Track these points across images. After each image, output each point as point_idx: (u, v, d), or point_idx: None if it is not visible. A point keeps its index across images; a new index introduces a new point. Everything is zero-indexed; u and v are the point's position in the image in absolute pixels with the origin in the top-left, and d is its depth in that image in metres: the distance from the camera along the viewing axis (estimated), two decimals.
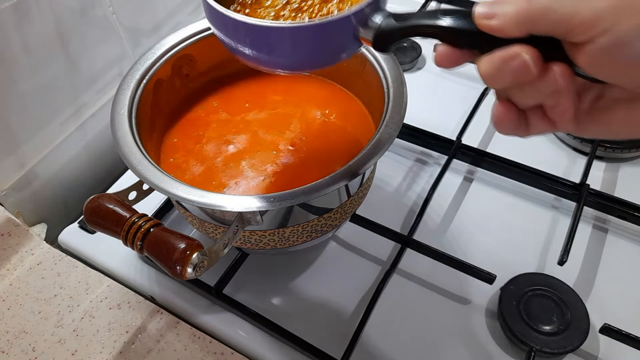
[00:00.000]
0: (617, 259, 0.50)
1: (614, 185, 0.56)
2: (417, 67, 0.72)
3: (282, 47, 0.31)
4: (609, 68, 0.23)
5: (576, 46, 0.23)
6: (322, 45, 0.32)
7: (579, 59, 0.23)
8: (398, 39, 0.31)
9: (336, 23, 0.31)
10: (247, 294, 0.49)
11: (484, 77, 0.25)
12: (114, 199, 0.38)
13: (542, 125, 0.27)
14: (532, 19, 0.23)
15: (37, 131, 0.54)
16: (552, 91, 0.25)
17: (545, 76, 0.24)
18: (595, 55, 0.22)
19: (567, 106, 0.25)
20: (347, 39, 0.32)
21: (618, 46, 0.22)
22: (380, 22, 0.31)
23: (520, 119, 0.27)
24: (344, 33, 0.31)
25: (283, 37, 0.31)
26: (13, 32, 0.48)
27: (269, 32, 0.30)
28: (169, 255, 0.34)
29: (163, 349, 0.45)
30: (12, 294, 0.49)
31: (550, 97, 0.25)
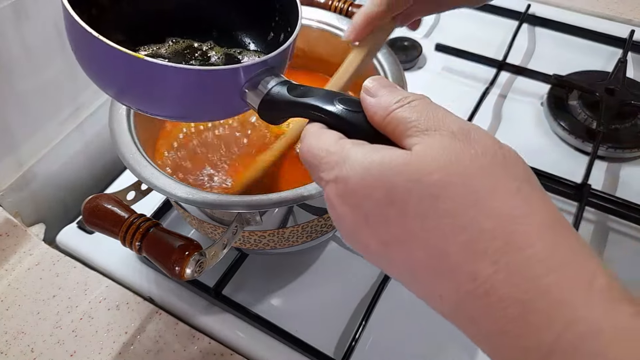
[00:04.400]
0: (619, 260, 0.50)
1: (615, 186, 0.56)
2: (418, 66, 0.71)
3: (160, 88, 0.28)
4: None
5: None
6: (201, 95, 0.28)
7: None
8: (287, 113, 0.28)
9: (219, 74, 0.27)
10: (247, 294, 0.48)
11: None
12: (112, 199, 0.38)
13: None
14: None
15: (35, 131, 0.54)
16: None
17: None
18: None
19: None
20: (230, 96, 0.28)
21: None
22: (271, 87, 0.28)
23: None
24: (226, 88, 0.28)
25: (162, 77, 0.27)
26: (11, 31, 0.47)
27: (150, 69, 0.26)
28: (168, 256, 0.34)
29: (162, 349, 0.45)
30: (10, 295, 0.49)
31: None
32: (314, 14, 0.51)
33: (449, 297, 0.20)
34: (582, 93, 0.63)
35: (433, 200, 0.20)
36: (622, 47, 0.66)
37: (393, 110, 0.22)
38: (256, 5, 0.35)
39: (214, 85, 0.28)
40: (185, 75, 0.27)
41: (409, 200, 0.20)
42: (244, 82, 0.28)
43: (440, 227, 0.20)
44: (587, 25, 0.71)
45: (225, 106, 0.30)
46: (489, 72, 0.68)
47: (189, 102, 0.29)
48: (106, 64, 0.28)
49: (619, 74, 0.62)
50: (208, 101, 0.29)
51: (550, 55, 0.71)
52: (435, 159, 0.20)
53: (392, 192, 0.20)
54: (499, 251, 0.18)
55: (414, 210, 0.20)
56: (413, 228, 0.20)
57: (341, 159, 0.22)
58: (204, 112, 0.30)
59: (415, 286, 0.22)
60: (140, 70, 0.26)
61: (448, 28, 0.77)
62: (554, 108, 0.62)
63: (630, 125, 0.59)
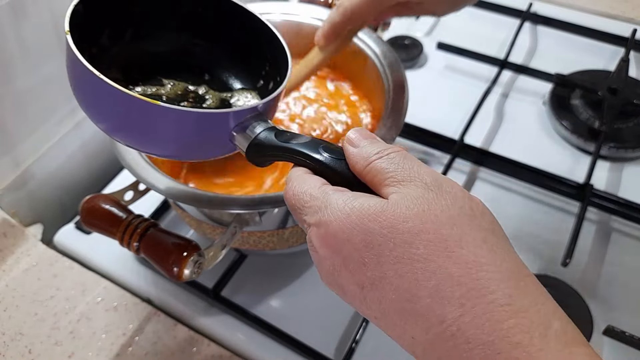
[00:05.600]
0: (622, 260, 0.50)
1: (618, 186, 0.56)
2: (419, 64, 0.71)
3: (155, 127, 0.29)
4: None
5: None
6: (193, 135, 0.29)
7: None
8: (274, 157, 0.29)
9: (211, 117, 0.29)
10: (246, 296, 0.48)
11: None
12: (110, 199, 0.38)
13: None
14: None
15: (33, 131, 0.53)
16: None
17: None
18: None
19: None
20: (219, 138, 0.30)
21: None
22: (259, 132, 0.29)
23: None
24: (217, 130, 0.29)
25: (160, 118, 0.28)
26: (9, 30, 0.47)
27: (148, 110, 0.28)
28: (166, 257, 0.34)
29: (160, 351, 0.44)
30: (8, 295, 0.48)
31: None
32: (314, 12, 0.51)
33: (420, 338, 0.21)
34: (584, 92, 0.63)
35: (407, 246, 0.21)
36: (625, 46, 0.66)
37: (373, 161, 0.24)
38: (248, 54, 0.37)
39: (206, 126, 0.29)
40: (182, 116, 0.28)
41: (384, 245, 0.22)
42: (233, 125, 0.29)
43: (413, 272, 0.21)
44: (589, 24, 0.71)
45: (215, 147, 0.31)
46: (491, 71, 0.67)
47: (181, 142, 0.30)
48: (105, 102, 0.29)
49: (622, 73, 0.62)
50: (199, 142, 0.30)
51: (552, 54, 0.71)
52: (409, 207, 0.22)
53: (369, 237, 0.22)
54: (465, 296, 0.20)
55: (388, 255, 0.21)
56: (387, 272, 0.21)
57: (323, 204, 0.24)
58: (194, 152, 0.31)
59: (389, 328, 0.23)
60: (138, 109, 0.28)
61: (450, 26, 0.77)
62: (556, 107, 0.62)
63: (632, 125, 0.59)
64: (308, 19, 0.51)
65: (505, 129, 0.62)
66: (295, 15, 0.51)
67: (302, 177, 0.26)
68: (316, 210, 0.24)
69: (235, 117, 0.29)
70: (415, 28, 0.75)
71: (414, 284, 0.21)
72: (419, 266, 0.21)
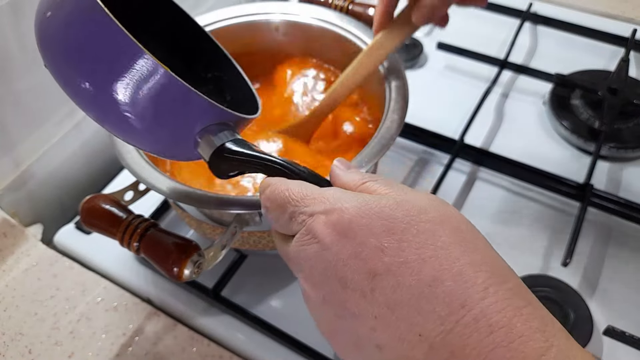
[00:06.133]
0: (622, 261, 0.50)
1: (618, 186, 0.56)
2: (419, 64, 0.71)
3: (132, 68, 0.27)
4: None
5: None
6: (162, 106, 0.28)
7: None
8: (243, 166, 0.28)
9: (186, 90, 0.27)
10: (246, 296, 0.48)
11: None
12: (110, 199, 0.38)
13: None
14: None
15: (32, 130, 0.53)
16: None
17: None
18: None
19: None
20: (186, 129, 0.28)
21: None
22: (229, 139, 0.28)
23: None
24: (189, 116, 0.28)
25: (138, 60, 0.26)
26: (9, 30, 0.47)
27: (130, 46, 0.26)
28: (166, 257, 0.34)
29: (160, 351, 0.44)
30: (8, 296, 0.48)
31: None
32: (314, 12, 0.51)
33: (430, 333, 0.20)
34: (584, 92, 0.62)
35: (430, 233, 0.22)
36: (625, 46, 0.66)
37: (366, 181, 0.25)
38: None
39: (181, 104, 0.28)
40: (164, 76, 0.27)
41: (407, 231, 0.22)
42: (206, 122, 0.28)
43: (436, 257, 0.21)
44: (589, 24, 0.71)
45: (177, 140, 0.29)
46: (491, 71, 0.67)
47: (146, 111, 0.28)
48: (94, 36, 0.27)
49: (622, 73, 0.61)
50: (164, 121, 0.28)
51: (552, 54, 0.71)
52: (425, 201, 0.23)
53: (391, 223, 0.22)
54: (487, 282, 0.21)
55: (411, 240, 0.22)
56: (409, 256, 0.21)
57: (332, 196, 0.24)
58: (158, 138, 0.29)
59: (391, 326, 0.22)
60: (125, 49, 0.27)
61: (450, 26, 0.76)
62: (556, 107, 0.62)
63: (633, 125, 0.59)
64: (308, 19, 0.51)
65: (505, 129, 0.62)
66: (295, 15, 0.51)
67: (284, 180, 0.26)
68: (322, 201, 0.24)
69: (213, 111, 0.28)
70: None
71: (437, 268, 0.21)
72: (443, 253, 0.21)
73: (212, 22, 0.51)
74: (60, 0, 0.28)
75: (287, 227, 0.25)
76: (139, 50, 0.26)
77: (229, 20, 0.51)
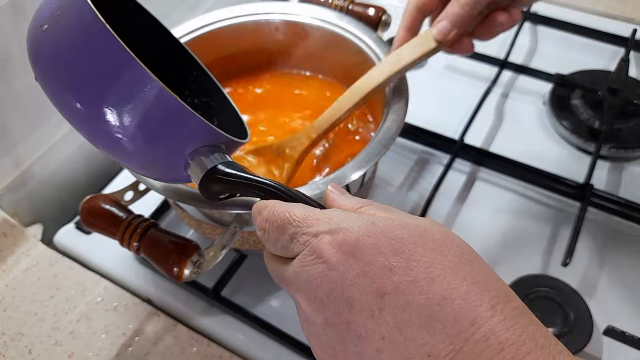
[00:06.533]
0: (622, 260, 0.50)
1: (618, 186, 0.56)
2: (419, 65, 0.71)
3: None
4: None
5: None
6: (153, 123, 0.27)
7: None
8: (234, 188, 0.28)
9: (184, 111, 0.27)
10: (246, 296, 0.48)
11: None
12: (110, 199, 0.38)
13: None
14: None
15: (32, 131, 0.53)
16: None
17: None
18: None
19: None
20: (177, 146, 0.28)
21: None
22: (220, 162, 0.28)
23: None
24: (180, 133, 0.27)
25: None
26: (9, 30, 0.47)
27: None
28: (166, 257, 0.34)
29: (160, 351, 0.44)
30: (8, 296, 0.48)
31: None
32: (314, 12, 0.51)
33: (440, 352, 0.20)
34: (584, 92, 0.62)
35: (437, 253, 0.22)
36: (625, 46, 0.66)
37: (362, 205, 0.25)
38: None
39: (173, 119, 0.27)
40: (155, 88, 0.26)
41: (414, 251, 0.22)
42: (199, 143, 0.28)
43: (444, 276, 0.21)
44: (589, 24, 0.71)
45: (169, 163, 0.29)
46: (491, 71, 0.67)
47: (138, 126, 0.27)
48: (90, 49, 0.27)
49: (622, 73, 0.61)
50: (155, 137, 0.28)
51: (552, 54, 0.71)
52: (427, 223, 0.23)
53: (399, 243, 0.22)
54: (494, 300, 0.21)
55: (419, 259, 0.22)
56: (418, 275, 0.21)
57: (336, 216, 0.24)
58: (144, 151, 0.29)
59: (399, 346, 0.21)
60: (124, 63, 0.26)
61: None
62: (556, 107, 0.62)
63: (633, 125, 0.59)
64: (308, 19, 0.51)
65: (505, 129, 0.62)
66: (295, 16, 0.51)
67: (281, 202, 0.26)
68: (327, 221, 0.24)
69: (207, 132, 0.28)
70: None
71: (446, 287, 0.21)
72: (450, 272, 0.21)
73: (211, 22, 0.51)
74: (59, 14, 0.27)
75: (287, 248, 0.25)
76: (141, 69, 0.26)
77: (228, 20, 0.51)
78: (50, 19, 0.27)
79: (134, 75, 0.26)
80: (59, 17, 0.27)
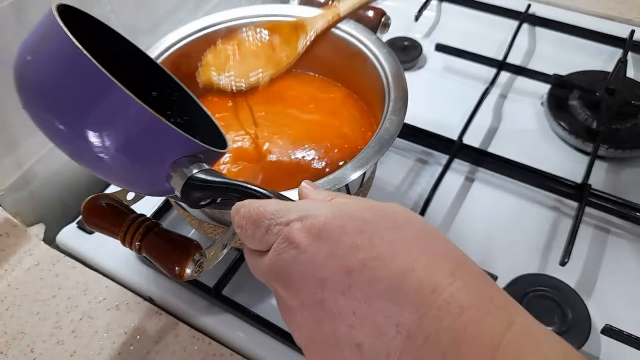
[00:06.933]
0: (619, 260, 0.50)
1: (616, 186, 0.56)
2: (418, 65, 0.71)
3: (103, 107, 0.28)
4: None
5: None
6: (135, 136, 0.29)
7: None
8: (214, 193, 0.30)
9: (164, 128, 0.28)
10: (247, 294, 0.48)
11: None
12: (111, 199, 0.38)
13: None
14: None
15: (34, 131, 0.53)
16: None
17: None
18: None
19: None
20: (158, 160, 0.29)
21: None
22: (198, 170, 0.30)
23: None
24: (161, 147, 0.29)
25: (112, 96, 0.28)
26: (11, 31, 0.47)
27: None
28: (168, 256, 0.34)
29: (162, 350, 0.45)
30: (10, 295, 0.49)
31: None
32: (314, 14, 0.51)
33: (407, 320, 0.21)
34: (582, 93, 0.63)
35: (399, 230, 0.24)
36: (622, 47, 0.66)
37: (334, 197, 0.27)
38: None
39: (154, 137, 0.29)
40: (141, 112, 0.28)
41: (378, 230, 0.23)
42: (180, 153, 0.29)
43: (406, 250, 0.23)
44: (587, 25, 0.71)
45: (148, 172, 0.30)
46: (489, 72, 0.68)
47: (121, 140, 0.29)
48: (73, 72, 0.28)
49: (619, 73, 0.62)
50: (138, 151, 0.29)
51: (550, 55, 0.71)
52: (391, 206, 0.25)
53: (362, 224, 0.24)
54: (453, 268, 0.22)
55: (382, 237, 0.23)
56: (382, 251, 0.23)
57: (304, 205, 0.25)
58: (125, 164, 0.30)
59: (368, 319, 0.22)
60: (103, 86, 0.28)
61: (448, 28, 0.77)
62: (554, 108, 0.62)
63: (630, 125, 0.59)
64: None
65: (503, 129, 0.63)
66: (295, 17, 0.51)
67: (255, 200, 0.27)
68: (297, 210, 0.25)
69: (186, 144, 0.29)
70: (414, 29, 0.75)
71: (408, 260, 0.22)
72: (412, 247, 0.23)
73: (212, 24, 0.51)
74: (40, 45, 0.29)
75: (262, 240, 0.26)
76: (119, 90, 0.27)
77: (229, 22, 0.51)
78: (32, 49, 0.29)
79: (113, 96, 0.27)
80: (40, 47, 0.29)
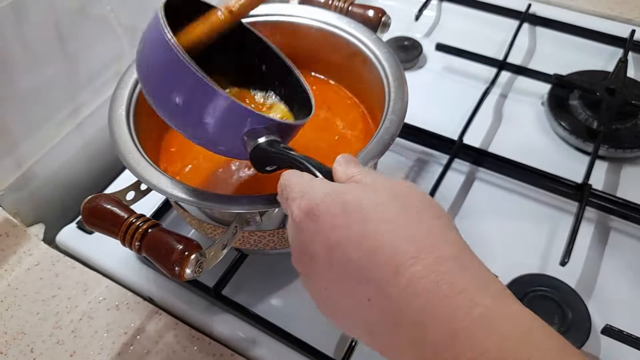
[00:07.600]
0: (619, 260, 0.50)
1: (616, 185, 0.56)
2: (419, 65, 0.71)
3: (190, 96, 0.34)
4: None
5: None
6: (214, 114, 0.34)
7: None
8: (275, 162, 0.34)
9: (236, 107, 0.34)
10: (247, 294, 0.48)
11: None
12: (111, 199, 0.38)
13: None
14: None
15: (34, 131, 0.53)
16: None
17: None
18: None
19: None
20: (233, 130, 0.35)
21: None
22: (265, 140, 0.34)
23: None
24: (235, 121, 0.34)
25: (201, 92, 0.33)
26: (11, 31, 0.47)
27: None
28: (168, 256, 0.34)
29: (162, 350, 0.45)
30: (10, 295, 0.49)
31: None
32: (314, 13, 0.51)
33: (377, 295, 0.24)
34: (582, 93, 0.63)
35: (373, 212, 0.25)
36: (623, 47, 0.66)
37: (354, 176, 0.29)
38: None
39: (230, 113, 0.34)
40: (217, 96, 0.33)
41: (356, 211, 0.25)
42: (250, 125, 0.35)
43: (376, 230, 0.24)
44: (587, 25, 0.71)
45: (227, 138, 0.36)
46: (490, 72, 0.67)
47: (203, 116, 0.34)
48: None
49: (620, 73, 0.62)
50: (218, 124, 0.35)
51: (550, 55, 0.71)
52: (387, 184, 0.27)
53: (345, 205, 0.26)
54: (416, 251, 0.23)
55: (359, 218, 0.25)
56: (353, 232, 0.25)
57: (306, 184, 0.29)
58: (209, 131, 0.35)
59: (344, 294, 0.26)
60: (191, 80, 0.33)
61: (448, 27, 0.77)
62: (554, 108, 0.62)
63: (630, 125, 0.59)
64: (308, 20, 0.51)
65: (504, 129, 0.63)
66: (295, 17, 0.51)
67: (292, 171, 0.31)
68: (300, 189, 0.28)
69: (253, 117, 0.34)
70: (415, 29, 0.75)
71: (376, 241, 0.24)
72: (382, 227, 0.24)
73: None
74: (144, 37, 0.35)
75: (285, 207, 0.30)
76: (210, 87, 0.33)
77: None
78: (141, 41, 0.35)
79: (206, 92, 0.33)
80: (143, 39, 0.35)
